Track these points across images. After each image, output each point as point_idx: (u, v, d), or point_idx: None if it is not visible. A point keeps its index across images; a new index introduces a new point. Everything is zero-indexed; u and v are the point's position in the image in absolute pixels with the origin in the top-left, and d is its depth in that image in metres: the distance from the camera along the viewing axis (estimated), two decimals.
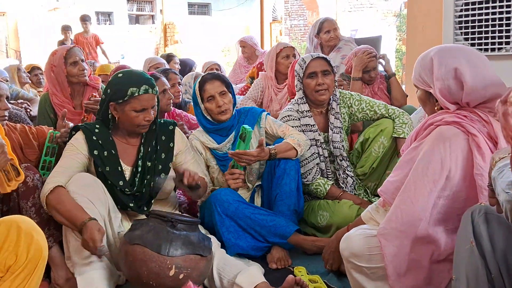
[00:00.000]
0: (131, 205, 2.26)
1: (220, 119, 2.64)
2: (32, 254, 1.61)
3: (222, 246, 2.32)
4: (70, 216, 1.96)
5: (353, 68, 3.63)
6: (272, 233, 2.43)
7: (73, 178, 2.12)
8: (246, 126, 2.43)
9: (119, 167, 2.26)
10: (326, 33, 4.29)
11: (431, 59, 1.72)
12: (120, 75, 2.26)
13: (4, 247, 1.59)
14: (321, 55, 2.85)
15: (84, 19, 8.76)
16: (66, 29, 8.76)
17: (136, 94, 2.18)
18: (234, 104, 2.71)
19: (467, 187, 1.62)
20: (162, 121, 2.44)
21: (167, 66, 4.51)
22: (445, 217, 1.65)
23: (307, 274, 2.28)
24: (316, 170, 2.77)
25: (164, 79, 3.13)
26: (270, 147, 2.53)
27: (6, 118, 2.40)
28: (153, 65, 4.46)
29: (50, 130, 2.52)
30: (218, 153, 2.70)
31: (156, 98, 2.26)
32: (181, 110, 3.51)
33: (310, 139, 2.77)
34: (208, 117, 2.67)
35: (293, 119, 2.80)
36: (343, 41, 4.35)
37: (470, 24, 3.98)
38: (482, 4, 3.88)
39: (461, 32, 4.05)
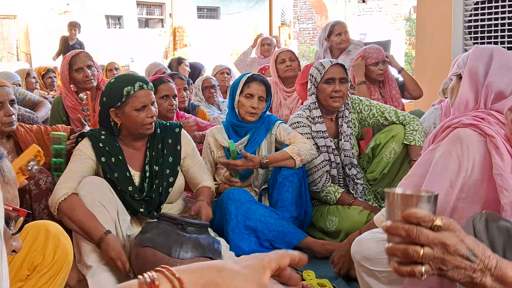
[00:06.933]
0: (141, 210, 2.27)
1: (246, 118, 2.72)
2: (59, 256, 1.69)
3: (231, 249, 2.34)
4: (84, 227, 2.02)
5: (355, 76, 3.66)
6: (279, 239, 2.44)
7: (83, 182, 2.14)
8: (231, 144, 2.57)
9: (127, 173, 2.27)
10: (337, 35, 4.30)
11: (473, 48, 1.82)
12: (112, 81, 2.31)
13: (33, 247, 1.66)
14: (340, 62, 2.85)
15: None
16: (72, 25, 7.82)
17: (132, 92, 2.20)
18: (264, 112, 2.80)
19: (485, 189, 1.62)
20: (167, 123, 2.45)
21: (168, 71, 4.52)
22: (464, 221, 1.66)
23: (316, 278, 2.28)
24: (326, 178, 2.77)
25: (171, 84, 3.07)
26: (263, 156, 2.59)
27: (13, 124, 2.34)
28: (154, 74, 4.42)
29: (52, 132, 2.49)
30: None
31: (153, 95, 2.28)
32: (190, 115, 3.52)
33: (321, 146, 2.78)
34: (236, 111, 2.73)
35: (303, 126, 2.80)
36: (352, 44, 4.36)
37: (479, 29, 3.98)
38: (492, 8, 3.88)
39: (471, 37, 4.05)
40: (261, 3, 18.32)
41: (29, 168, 2.04)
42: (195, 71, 5.64)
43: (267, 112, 2.86)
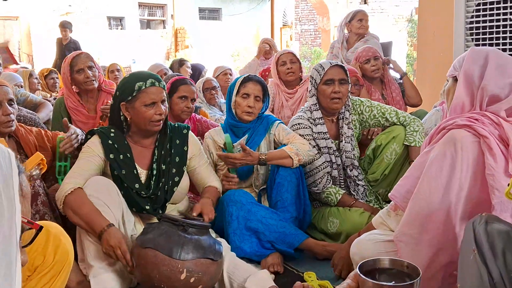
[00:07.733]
0: (147, 207, 2.29)
1: (242, 117, 2.73)
2: (59, 257, 1.70)
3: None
4: (89, 220, 2.01)
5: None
6: (280, 240, 2.44)
7: (89, 181, 2.16)
8: (226, 138, 2.58)
9: (135, 170, 2.30)
10: (358, 21, 4.52)
11: (469, 50, 1.82)
12: (127, 76, 2.38)
13: (33, 248, 1.65)
14: (339, 63, 2.86)
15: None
16: (63, 26, 7.64)
17: (143, 88, 2.26)
18: (262, 113, 2.81)
19: (479, 189, 1.63)
20: (176, 124, 2.49)
21: (170, 72, 4.55)
22: (462, 222, 1.66)
23: (317, 279, 2.28)
24: (327, 179, 2.77)
25: (193, 88, 3.08)
26: (261, 152, 2.59)
27: (11, 124, 2.30)
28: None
29: (59, 135, 2.50)
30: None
31: (164, 93, 2.32)
32: (201, 116, 3.51)
33: (322, 147, 2.79)
34: (233, 111, 2.75)
35: (304, 127, 2.80)
36: (370, 35, 4.57)
37: (481, 30, 3.97)
38: (493, 10, 3.88)
39: (472, 38, 4.05)
40: (262, 4, 18.33)
41: (31, 174, 2.05)
42: (196, 71, 5.65)
43: (266, 113, 2.87)
